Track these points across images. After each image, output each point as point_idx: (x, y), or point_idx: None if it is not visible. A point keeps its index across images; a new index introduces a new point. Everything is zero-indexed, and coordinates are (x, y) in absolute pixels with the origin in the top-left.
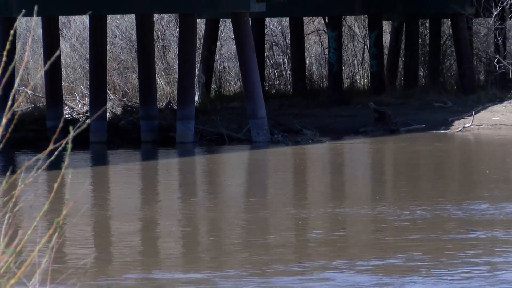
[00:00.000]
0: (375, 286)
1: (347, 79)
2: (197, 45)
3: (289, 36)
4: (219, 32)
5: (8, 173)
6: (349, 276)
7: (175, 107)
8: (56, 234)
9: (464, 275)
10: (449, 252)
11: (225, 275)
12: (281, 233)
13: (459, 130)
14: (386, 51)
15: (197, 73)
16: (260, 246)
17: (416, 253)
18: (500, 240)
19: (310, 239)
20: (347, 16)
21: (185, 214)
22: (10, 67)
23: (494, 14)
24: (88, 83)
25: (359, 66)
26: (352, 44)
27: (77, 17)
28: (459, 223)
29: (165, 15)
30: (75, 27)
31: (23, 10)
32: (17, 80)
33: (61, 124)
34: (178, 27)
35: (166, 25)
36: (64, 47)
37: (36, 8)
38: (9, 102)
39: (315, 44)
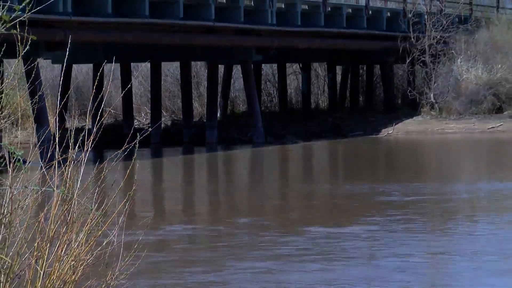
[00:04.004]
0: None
1: (313, 102)
2: (218, 81)
3: (277, 75)
4: (233, 73)
5: (97, 163)
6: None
7: (205, 121)
8: (128, 201)
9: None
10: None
11: (232, 227)
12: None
13: (385, 135)
14: (338, 85)
15: (218, 99)
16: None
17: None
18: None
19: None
20: (314, 63)
21: (213, 187)
22: (99, 96)
23: (408, 61)
24: (150, 105)
25: (321, 94)
26: (317, 80)
27: (142, 63)
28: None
29: (198, 62)
30: (141, 69)
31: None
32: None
33: (132, 132)
34: (207, 70)
35: (199, 68)
36: (134, 82)
37: (115, 57)
38: (98, 117)
39: (294, 81)
